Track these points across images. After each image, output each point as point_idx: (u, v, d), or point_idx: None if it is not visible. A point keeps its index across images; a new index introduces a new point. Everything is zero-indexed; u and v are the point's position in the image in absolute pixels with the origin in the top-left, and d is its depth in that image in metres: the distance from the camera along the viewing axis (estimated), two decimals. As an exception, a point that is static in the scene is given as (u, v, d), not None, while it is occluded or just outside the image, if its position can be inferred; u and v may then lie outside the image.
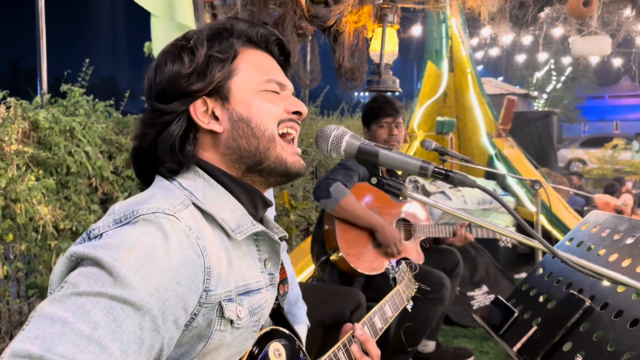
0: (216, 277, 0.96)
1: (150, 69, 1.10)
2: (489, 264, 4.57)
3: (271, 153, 1.09)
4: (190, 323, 0.94)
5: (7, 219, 2.49)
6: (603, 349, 1.09)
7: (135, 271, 0.84)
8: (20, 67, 36.81)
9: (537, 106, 23.51)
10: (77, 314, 0.77)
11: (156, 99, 1.07)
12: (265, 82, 1.10)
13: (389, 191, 1.07)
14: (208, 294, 0.94)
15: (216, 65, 1.06)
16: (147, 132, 1.07)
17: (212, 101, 1.07)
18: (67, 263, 0.89)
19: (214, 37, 1.08)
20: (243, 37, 1.11)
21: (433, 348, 3.33)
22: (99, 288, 0.81)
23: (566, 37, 4.52)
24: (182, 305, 0.89)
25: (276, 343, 1.11)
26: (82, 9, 53.45)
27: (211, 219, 1.02)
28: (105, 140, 3.16)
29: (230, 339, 1.00)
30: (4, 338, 2.68)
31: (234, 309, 0.99)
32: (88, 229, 0.96)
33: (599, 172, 14.39)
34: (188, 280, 0.90)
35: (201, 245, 0.94)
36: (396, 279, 1.86)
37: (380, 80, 3.41)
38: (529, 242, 1.04)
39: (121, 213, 0.94)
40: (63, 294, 0.81)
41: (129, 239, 0.88)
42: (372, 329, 1.52)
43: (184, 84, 1.04)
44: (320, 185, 2.80)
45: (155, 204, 0.95)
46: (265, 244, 1.12)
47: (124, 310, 0.80)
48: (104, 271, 0.83)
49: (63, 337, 0.74)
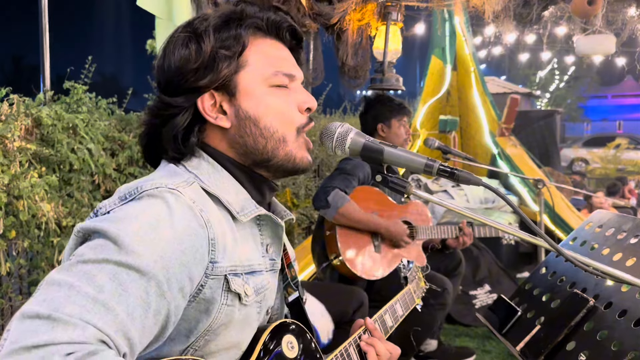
0: (221, 250, 0.97)
1: (160, 54, 1.09)
2: (491, 263, 4.56)
3: (280, 152, 1.09)
4: (197, 294, 0.95)
5: (10, 215, 2.49)
6: (607, 349, 1.09)
7: (140, 240, 0.85)
8: (23, 64, 36.83)
9: (540, 105, 23.46)
10: (83, 279, 0.79)
11: (163, 90, 1.07)
12: (273, 76, 1.08)
13: (393, 189, 1.06)
14: (214, 266, 0.96)
15: (223, 61, 1.04)
16: (153, 120, 1.08)
17: (219, 95, 1.06)
18: (75, 239, 0.91)
19: (222, 27, 1.05)
20: (252, 26, 1.08)
21: (435, 347, 3.32)
22: (104, 255, 0.83)
23: (570, 36, 4.51)
24: (187, 274, 0.90)
25: (289, 336, 1.12)
26: (85, 7, 53.49)
27: (216, 200, 1.03)
28: (108, 137, 3.17)
29: (238, 316, 1.01)
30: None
31: (240, 284, 1.00)
32: (95, 207, 0.98)
33: (601, 172, 14.34)
34: (192, 250, 0.91)
35: (205, 217, 0.95)
36: (407, 278, 1.85)
37: (384, 79, 3.41)
38: (533, 240, 1.04)
39: (126, 191, 0.96)
40: (70, 263, 0.83)
41: (133, 212, 0.90)
42: (383, 326, 1.52)
43: (191, 79, 1.04)
44: (318, 194, 2.78)
45: (160, 181, 0.96)
46: (267, 228, 1.13)
47: (129, 275, 0.82)
48: (109, 241, 0.85)
49: (69, 299, 0.76)
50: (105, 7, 51.70)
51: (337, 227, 2.77)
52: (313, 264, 3.16)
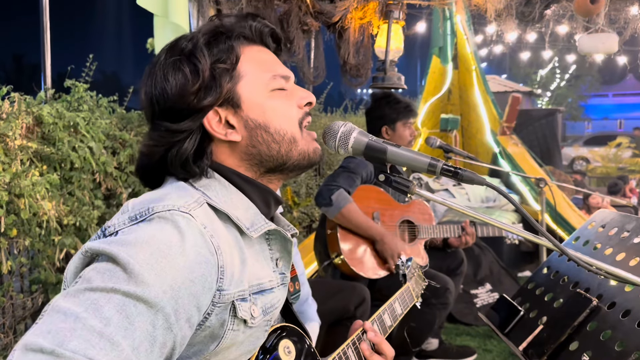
0: (229, 277, 0.95)
1: (147, 84, 1.05)
2: (492, 262, 4.56)
3: (294, 153, 1.08)
4: (204, 323, 0.93)
5: (11, 214, 2.49)
6: (610, 349, 1.08)
7: (150, 268, 0.83)
8: (24, 63, 36.87)
9: (541, 104, 23.45)
10: (90, 310, 0.77)
11: (165, 118, 1.03)
12: (271, 80, 1.07)
13: (397, 188, 1.05)
14: (221, 294, 0.94)
15: (223, 75, 1.03)
16: (155, 150, 1.04)
17: (223, 110, 1.05)
18: (82, 259, 0.89)
19: (212, 43, 1.04)
20: (240, 36, 1.08)
21: (436, 346, 3.32)
22: (113, 284, 0.80)
23: (571, 34, 4.50)
24: (195, 304, 0.88)
25: (286, 340, 1.11)
26: (85, 5, 53.53)
27: (225, 218, 1.01)
28: (109, 136, 3.16)
29: (242, 337, 1.00)
30: (8, 333, 2.69)
31: (247, 308, 0.99)
32: (103, 226, 0.95)
33: (602, 171, 14.32)
34: (202, 279, 0.89)
35: (215, 244, 0.93)
36: (406, 275, 1.84)
37: (386, 77, 3.40)
38: (536, 240, 1.03)
39: (136, 210, 0.93)
40: (77, 289, 0.81)
41: (144, 236, 0.87)
42: (382, 326, 1.51)
43: (194, 101, 1.01)
44: (322, 191, 2.77)
45: (171, 202, 0.94)
46: (277, 242, 1.11)
47: (136, 307, 0.80)
48: (118, 267, 0.83)
49: (75, 333, 0.74)
50: (106, 5, 51.73)
51: (339, 226, 2.76)
52: (315, 261, 3.16)
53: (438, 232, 3.08)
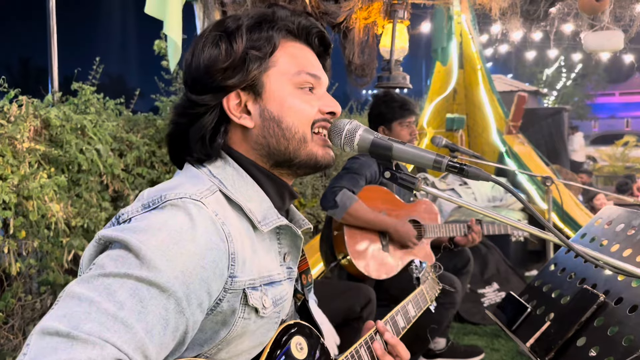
0: (241, 264, 0.97)
1: (189, 51, 1.09)
2: (499, 261, 4.55)
3: (301, 152, 1.09)
4: (215, 308, 0.95)
5: (20, 216, 2.51)
6: (618, 344, 1.09)
7: (162, 254, 0.85)
8: (31, 66, 37.02)
9: (547, 103, 23.34)
10: (104, 294, 0.79)
11: (190, 88, 1.07)
12: (297, 75, 1.08)
13: (402, 185, 1.06)
14: (233, 280, 0.96)
15: (253, 61, 1.05)
16: (180, 120, 1.08)
17: (245, 94, 1.07)
18: (96, 246, 0.91)
19: (254, 28, 1.06)
20: (284, 28, 1.09)
21: (444, 345, 3.31)
22: (126, 269, 0.83)
23: (577, 33, 4.48)
24: (206, 289, 0.90)
25: (299, 337, 1.12)
26: (92, 8, 53.79)
27: (238, 208, 1.03)
28: (116, 138, 3.18)
29: (253, 327, 1.01)
30: (17, 334, 2.70)
31: (258, 297, 1.00)
32: (117, 213, 0.98)
33: (609, 170, 14.26)
34: (213, 265, 0.91)
35: (226, 231, 0.95)
36: (420, 278, 1.84)
37: (391, 77, 3.40)
38: (543, 235, 1.03)
39: (149, 198, 0.96)
40: (91, 275, 0.83)
41: (156, 223, 0.90)
42: (395, 327, 1.51)
43: (219, 78, 1.04)
44: (326, 194, 2.77)
45: (183, 190, 0.96)
46: (286, 237, 1.13)
47: (149, 292, 0.82)
48: (131, 253, 0.85)
49: (89, 316, 0.76)
50: (112, 8, 51.93)
51: (345, 227, 2.76)
52: (321, 262, 3.16)
53: (444, 231, 3.07)
